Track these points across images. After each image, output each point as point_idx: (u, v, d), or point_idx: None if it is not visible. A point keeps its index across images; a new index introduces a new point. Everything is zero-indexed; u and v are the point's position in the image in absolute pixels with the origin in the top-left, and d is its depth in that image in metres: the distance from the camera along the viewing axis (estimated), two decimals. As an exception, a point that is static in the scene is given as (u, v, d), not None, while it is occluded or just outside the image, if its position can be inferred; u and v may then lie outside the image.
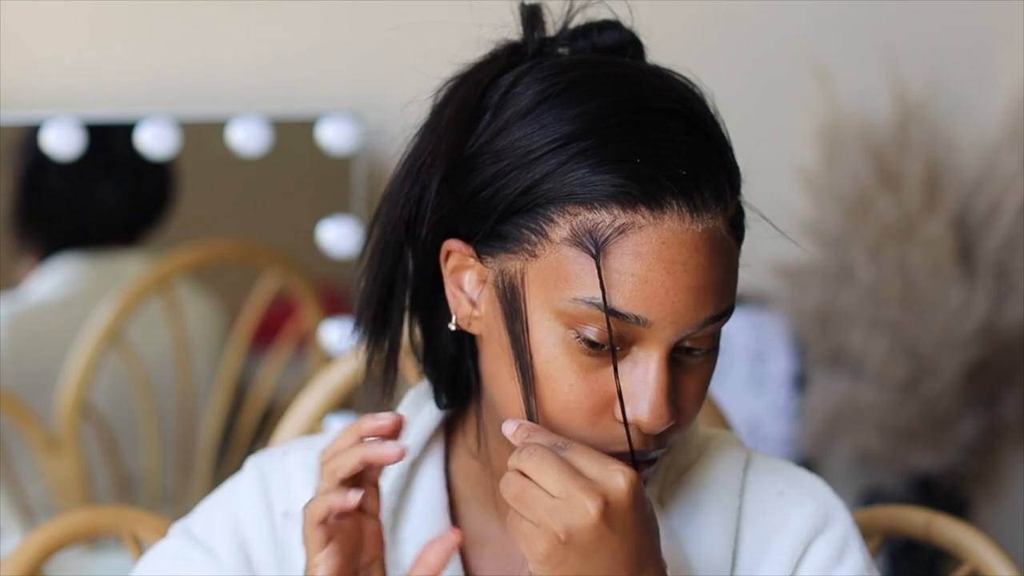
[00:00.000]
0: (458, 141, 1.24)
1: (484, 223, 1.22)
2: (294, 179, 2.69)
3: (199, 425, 2.68)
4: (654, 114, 1.20)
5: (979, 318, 2.65)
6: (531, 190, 1.20)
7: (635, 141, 1.19)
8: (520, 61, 1.26)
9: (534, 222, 1.20)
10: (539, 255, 1.20)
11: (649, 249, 1.18)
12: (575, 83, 1.22)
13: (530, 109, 1.21)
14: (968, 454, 2.73)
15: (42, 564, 1.52)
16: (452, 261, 1.26)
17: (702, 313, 1.19)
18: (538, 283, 1.20)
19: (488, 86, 1.25)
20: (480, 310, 1.25)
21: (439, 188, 1.24)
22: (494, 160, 1.22)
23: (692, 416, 1.24)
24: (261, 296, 2.67)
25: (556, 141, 1.19)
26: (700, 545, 1.29)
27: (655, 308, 1.18)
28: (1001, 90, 2.76)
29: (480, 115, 1.24)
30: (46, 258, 2.63)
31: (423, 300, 1.31)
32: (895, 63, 2.69)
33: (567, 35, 1.29)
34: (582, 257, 1.18)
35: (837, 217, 2.69)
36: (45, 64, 2.58)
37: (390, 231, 1.28)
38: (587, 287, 1.18)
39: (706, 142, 1.21)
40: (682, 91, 1.24)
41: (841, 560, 1.30)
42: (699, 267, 1.19)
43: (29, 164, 2.59)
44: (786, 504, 1.31)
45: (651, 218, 1.18)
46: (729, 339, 1.24)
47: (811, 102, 2.70)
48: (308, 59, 2.66)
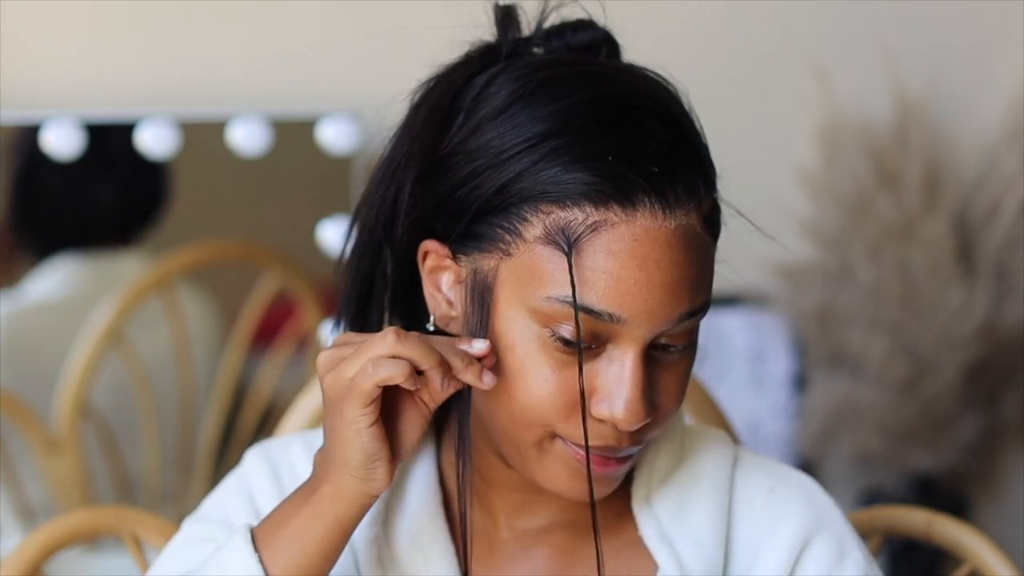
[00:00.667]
0: (432, 142, 1.24)
1: (459, 223, 1.23)
2: (294, 179, 2.69)
3: (199, 425, 2.68)
4: (627, 112, 1.21)
5: (979, 318, 2.65)
6: (504, 189, 1.20)
7: (608, 139, 1.19)
8: (494, 62, 1.27)
9: (508, 221, 1.20)
10: (513, 254, 1.20)
11: (622, 247, 1.18)
12: (547, 81, 1.22)
13: (503, 109, 1.22)
14: (968, 454, 2.73)
15: (42, 564, 1.52)
16: (430, 261, 1.26)
17: (676, 309, 1.20)
18: (512, 282, 1.21)
19: (462, 87, 1.25)
20: (457, 310, 1.25)
21: (413, 189, 1.24)
22: (468, 160, 1.22)
23: (670, 413, 1.24)
24: (261, 296, 2.67)
25: (529, 140, 1.20)
26: (691, 544, 1.29)
27: (628, 305, 1.18)
28: (1001, 90, 2.76)
29: (454, 116, 1.24)
30: (45, 258, 2.63)
31: (402, 300, 1.31)
32: (895, 63, 2.69)
33: (541, 35, 1.29)
34: (555, 255, 1.18)
35: (837, 217, 2.69)
36: (45, 64, 2.58)
37: (368, 232, 1.29)
38: (560, 285, 1.18)
39: (680, 139, 1.21)
40: (656, 88, 1.24)
41: (843, 559, 1.30)
42: (672, 264, 1.19)
43: (28, 164, 2.59)
44: (777, 502, 1.31)
45: (623, 215, 1.18)
46: (729, 339, 1.24)
47: (811, 102, 2.70)
48: (308, 59, 2.66)
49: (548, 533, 1.31)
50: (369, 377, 1.18)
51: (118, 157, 2.63)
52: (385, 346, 1.19)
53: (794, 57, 2.72)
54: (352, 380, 1.19)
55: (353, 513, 1.22)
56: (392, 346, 1.19)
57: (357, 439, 1.20)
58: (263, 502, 1.33)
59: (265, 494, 1.34)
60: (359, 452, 1.20)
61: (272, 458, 1.35)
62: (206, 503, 1.36)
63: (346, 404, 1.20)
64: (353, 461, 1.21)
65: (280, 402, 2.61)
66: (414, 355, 1.19)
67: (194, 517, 1.36)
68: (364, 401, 1.19)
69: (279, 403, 2.61)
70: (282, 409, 1.87)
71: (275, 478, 1.34)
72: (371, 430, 1.20)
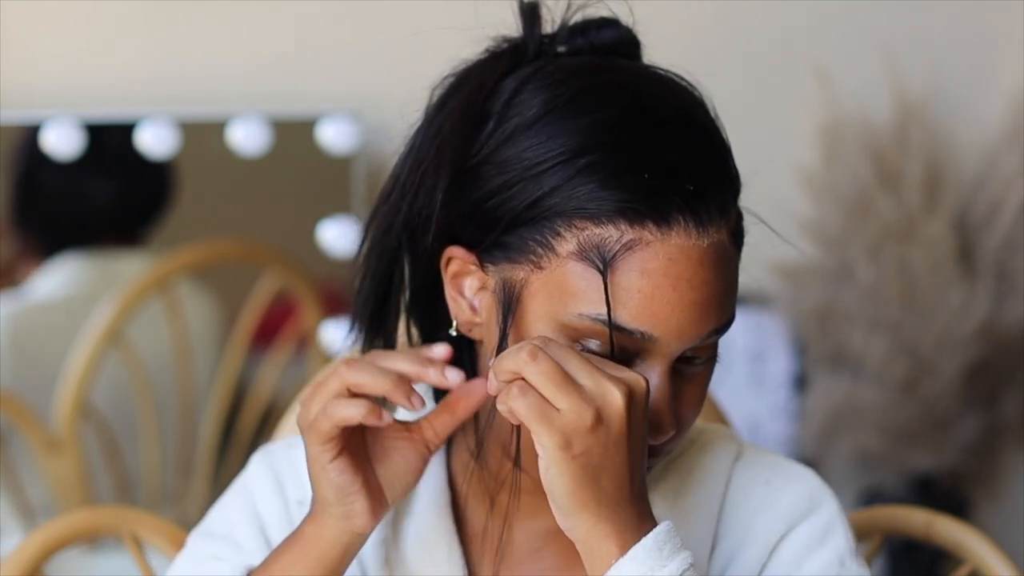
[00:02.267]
0: (462, 149, 1.23)
1: (488, 233, 1.22)
2: (294, 179, 2.69)
3: (199, 425, 2.68)
4: (660, 125, 1.21)
5: (979, 318, 2.65)
6: (538, 203, 1.20)
7: (642, 155, 1.19)
8: (520, 62, 1.26)
9: (540, 235, 1.20)
10: (544, 268, 1.20)
11: (656, 266, 1.18)
12: (580, 92, 1.22)
13: (536, 119, 1.21)
14: (968, 454, 2.73)
15: (42, 564, 1.52)
16: (453, 267, 1.25)
17: (705, 327, 1.20)
18: (543, 295, 1.20)
19: (491, 91, 1.24)
20: (481, 316, 1.25)
21: (442, 197, 1.24)
22: (499, 171, 1.21)
23: (691, 422, 1.25)
24: (261, 296, 2.67)
25: (563, 154, 1.19)
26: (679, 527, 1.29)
27: (660, 324, 1.19)
28: (1001, 90, 2.76)
29: (484, 121, 1.24)
30: (47, 258, 2.63)
31: (421, 303, 1.31)
32: (895, 63, 2.69)
33: (565, 33, 1.29)
34: (588, 272, 1.18)
35: (837, 217, 2.69)
36: (45, 64, 2.58)
37: (389, 235, 1.28)
38: (593, 303, 1.18)
39: (711, 154, 1.22)
40: (686, 98, 1.24)
41: (823, 543, 1.30)
42: (704, 282, 1.19)
43: (28, 164, 2.59)
44: (772, 491, 1.31)
45: (658, 234, 1.18)
46: (729, 339, 1.25)
47: (811, 102, 2.70)
48: (308, 59, 2.66)
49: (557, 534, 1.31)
50: (328, 417, 1.21)
51: (118, 157, 2.63)
52: (336, 381, 1.21)
53: (794, 57, 2.73)
54: (313, 420, 1.22)
55: (336, 553, 1.24)
56: (343, 378, 1.21)
57: (324, 475, 1.23)
58: (266, 512, 1.33)
59: (268, 503, 1.34)
60: (328, 487, 1.23)
61: (275, 464, 1.35)
62: (211, 516, 1.36)
63: (307, 441, 1.23)
64: (329, 498, 1.23)
65: (280, 402, 2.61)
66: (366, 383, 1.21)
67: (199, 532, 1.36)
68: (322, 439, 1.22)
69: (279, 403, 2.61)
70: (282, 409, 1.87)
71: (278, 485, 1.34)
72: (336, 464, 1.22)
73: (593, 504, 1.16)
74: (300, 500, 1.32)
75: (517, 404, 1.15)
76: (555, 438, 1.14)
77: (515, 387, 1.16)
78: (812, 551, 1.29)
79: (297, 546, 1.25)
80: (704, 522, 1.30)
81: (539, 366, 1.15)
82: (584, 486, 1.15)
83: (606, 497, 1.16)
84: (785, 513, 1.30)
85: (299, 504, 1.32)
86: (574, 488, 1.15)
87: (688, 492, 1.31)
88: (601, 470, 1.15)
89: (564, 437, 1.14)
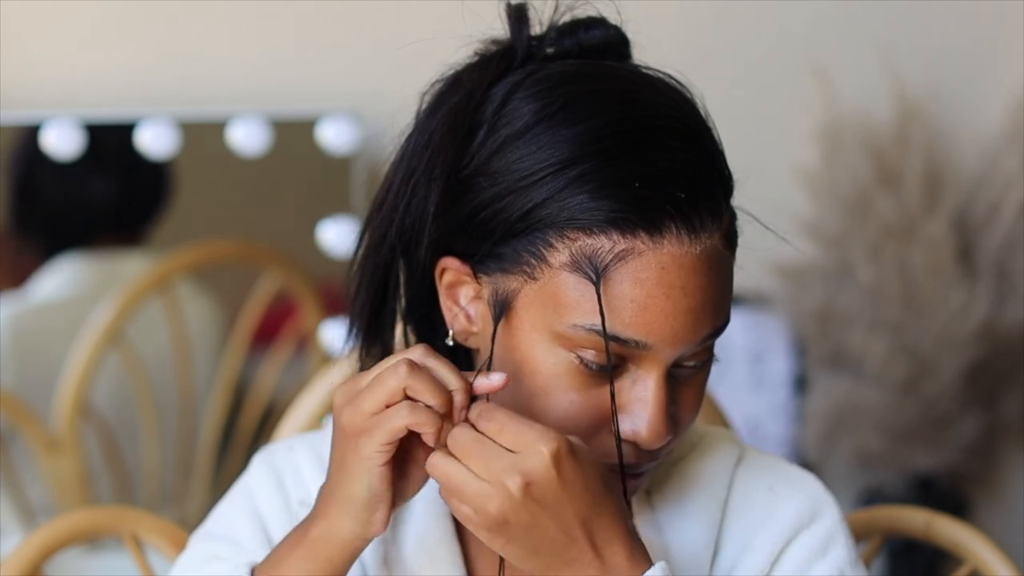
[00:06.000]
0: (453, 160, 1.23)
1: (482, 245, 1.22)
2: (294, 179, 2.69)
3: (199, 425, 2.68)
4: (650, 133, 1.20)
5: (979, 318, 2.65)
6: (530, 214, 1.20)
7: (633, 163, 1.19)
8: (509, 67, 1.26)
9: (533, 246, 1.20)
10: (538, 278, 1.20)
11: (649, 275, 1.18)
12: (569, 101, 1.21)
13: (526, 129, 1.21)
14: (968, 454, 2.73)
15: (42, 564, 1.52)
16: (447, 278, 1.26)
17: (700, 332, 1.20)
18: (537, 306, 1.21)
19: (481, 99, 1.24)
20: (477, 326, 1.25)
21: (434, 209, 1.23)
22: (491, 182, 1.21)
23: (688, 425, 1.25)
24: (261, 296, 2.67)
25: (553, 165, 1.19)
26: (681, 533, 1.29)
27: (654, 332, 1.19)
28: (1001, 90, 2.76)
29: (474, 131, 1.23)
30: (48, 258, 2.63)
31: (417, 311, 1.30)
32: (895, 63, 2.69)
33: (554, 34, 1.28)
34: (581, 283, 1.19)
35: (837, 217, 2.69)
36: (45, 64, 2.58)
37: (382, 246, 1.28)
38: (586, 313, 1.19)
39: (702, 158, 1.21)
40: (677, 101, 1.24)
41: (824, 554, 1.30)
42: (697, 288, 1.19)
43: (28, 164, 2.59)
44: (775, 498, 1.31)
45: (650, 243, 1.18)
46: (729, 339, 1.25)
47: (811, 102, 2.70)
48: (308, 59, 2.66)
49: None
50: (402, 419, 1.17)
51: (118, 157, 2.63)
52: (396, 380, 1.17)
53: (794, 57, 2.73)
54: (376, 417, 1.17)
55: (347, 554, 1.22)
56: (403, 380, 1.17)
57: (367, 477, 1.18)
58: (268, 512, 1.33)
59: (270, 503, 1.33)
60: (365, 491, 1.19)
61: (276, 465, 1.35)
62: (213, 517, 1.36)
63: (363, 439, 1.18)
64: (357, 500, 1.19)
65: (280, 402, 2.61)
66: (423, 394, 1.17)
67: (201, 533, 1.36)
68: (386, 438, 1.17)
69: (279, 403, 2.61)
70: (282, 409, 1.87)
71: (279, 486, 1.34)
72: (382, 470, 1.18)
73: (555, 562, 1.17)
74: (302, 500, 1.32)
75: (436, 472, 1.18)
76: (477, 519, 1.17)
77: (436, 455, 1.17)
78: (813, 563, 1.29)
79: (305, 546, 1.22)
80: (706, 527, 1.30)
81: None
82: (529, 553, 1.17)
83: (559, 553, 1.17)
84: (788, 522, 1.30)
85: (301, 504, 1.32)
86: (522, 556, 1.18)
87: (690, 497, 1.31)
88: (540, 533, 1.16)
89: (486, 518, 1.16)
